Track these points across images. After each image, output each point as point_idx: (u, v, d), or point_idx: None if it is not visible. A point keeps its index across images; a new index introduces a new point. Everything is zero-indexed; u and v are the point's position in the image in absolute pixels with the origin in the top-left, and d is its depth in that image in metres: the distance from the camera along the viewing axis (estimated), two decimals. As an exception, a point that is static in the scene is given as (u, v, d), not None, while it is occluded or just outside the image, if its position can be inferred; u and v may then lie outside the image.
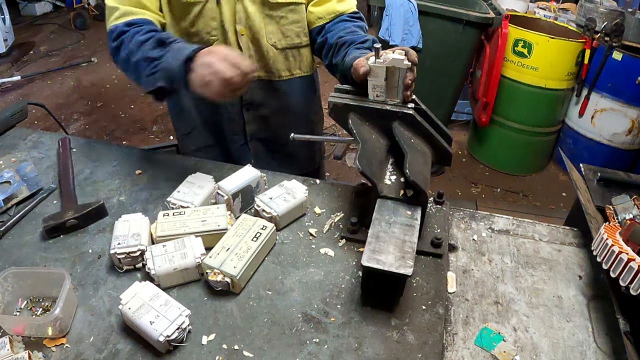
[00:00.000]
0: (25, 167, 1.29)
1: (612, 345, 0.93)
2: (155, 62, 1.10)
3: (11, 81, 4.50)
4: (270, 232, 1.04)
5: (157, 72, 1.09)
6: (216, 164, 1.35)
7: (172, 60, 1.06)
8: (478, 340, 0.92)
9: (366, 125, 1.11)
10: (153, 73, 1.10)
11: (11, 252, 1.05)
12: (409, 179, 0.95)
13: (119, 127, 4.01)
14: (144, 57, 1.11)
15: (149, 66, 1.10)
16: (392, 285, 0.93)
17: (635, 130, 3.27)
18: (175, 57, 1.05)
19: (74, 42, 5.65)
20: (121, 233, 1.01)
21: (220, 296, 0.96)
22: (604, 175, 1.29)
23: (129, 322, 0.88)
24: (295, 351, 0.86)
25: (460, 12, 2.87)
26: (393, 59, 1.04)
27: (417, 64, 1.06)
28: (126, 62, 1.16)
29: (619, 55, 3.13)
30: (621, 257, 0.89)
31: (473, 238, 1.17)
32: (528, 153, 3.63)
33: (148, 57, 1.11)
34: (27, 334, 0.87)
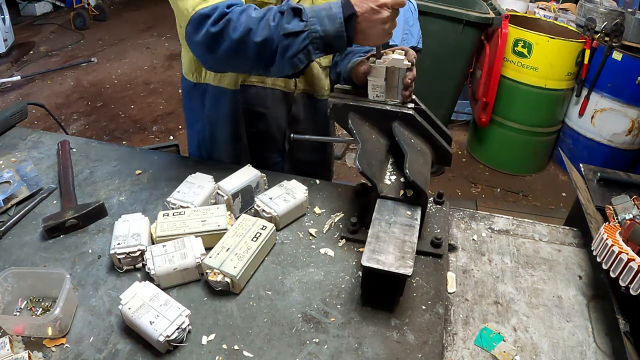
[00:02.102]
0: (25, 167, 1.29)
1: (612, 345, 0.93)
2: (303, 35, 0.99)
3: (11, 81, 4.50)
4: (270, 232, 1.04)
5: (310, 44, 0.99)
6: (216, 164, 1.35)
7: (325, 26, 0.98)
8: (478, 340, 0.92)
9: (366, 125, 1.11)
10: (305, 47, 0.99)
11: (11, 252, 1.05)
12: (409, 179, 0.95)
13: (119, 127, 4.01)
14: (284, 34, 0.98)
15: (294, 42, 0.99)
16: (392, 285, 0.93)
17: (635, 130, 3.27)
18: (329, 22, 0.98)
19: (74, 42, 5.65)
20: (121, 233, 1.01)
21: (220, 296, 0.96)
22: (604, 175, 1.29)
23: (128, 322, 0.88)
24: (295, 351, 0.86)
25: (460, 12, 2.87)
26: (393, 59, 1.04)
27: (417, 64, 1.06)
28: (242, 44, 1.00)
29: (618, 55, 3.13)
30: (621, 257, 0.89)
31: (473, 238, 1.17)
32: (528, 153, 3.63)
33: (288, 32, 0.98)
34: (27, 334, 0.87)
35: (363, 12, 0.99)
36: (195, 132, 1.45)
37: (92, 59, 5.13)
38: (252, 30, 0.99)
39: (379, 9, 0.98)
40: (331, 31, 0.99)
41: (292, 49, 1.00)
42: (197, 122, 1.42)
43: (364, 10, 0.99)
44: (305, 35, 0.99)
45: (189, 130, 1.50)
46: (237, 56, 1.04)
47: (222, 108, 1.33)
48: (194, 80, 1.33)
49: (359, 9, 0.98)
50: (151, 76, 4.87)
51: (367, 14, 0.99)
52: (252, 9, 1.02)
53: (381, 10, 0.98)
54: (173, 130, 3.97)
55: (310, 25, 0.99)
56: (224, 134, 1.37)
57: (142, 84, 4.74)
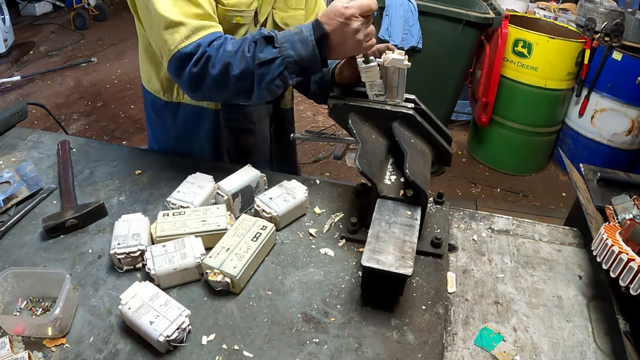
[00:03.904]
0: (25, 167, 1.29)
1: (612, 345, 0.93)
2: (277, 62, 1.01)
3: (11, 81, 4.50)
4: (270, 232, 1.04)
5: (285, 69, 1.02)
6: (216, 164, 1.35)
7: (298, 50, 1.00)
8: (478, 340, 0.93)
9: (366, 125, 1.11)
10: (281, 73, 1.02)
11: (11, 252, 1.05)
12: (409, 179, 0.95)
13: (119, 127, 4.01)
14: (258, 64, 1.01)
15: (269, 70, 1.01)
16: (392, 285, 0.93)
17: (635, 130, 3.27)
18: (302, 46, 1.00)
19: (74, 42, 5.65)
20: (121, 233, 1.01)
21: (220, 296, 0.96)
22: (604, 175, 1.29)
23: (128, 322, 0.88)
24: (295, 351, 0.86)
25: (460, 12, 2.87)
26: (393, 59, 1.04)
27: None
28: (222, 79, 1.03)
29: (618, 55, 3.13)
30: (621, 257, 0.89)
31: (473, 238, 1.17)
32: (528, 153, 3.63)
33: (263, 61, 1.01)
34: (27, 334, 0.87)
35: (333, 29, 0.99)
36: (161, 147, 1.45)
37: (92, 59, 5.13)
38: (230, 64, 1.02)
39: (347, 22, 0.98)
40: (305, 55, 1.01)
41: (268, 77, 1.02)
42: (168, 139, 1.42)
43: (333, 27, 0.99)
44: (279, 62, 1.01)
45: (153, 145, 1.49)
46: (219, 90, 1.07)
47: (203, 126, 1.34)
48: (165, 99, 1.33)
49: (328, 27, 0.99)
50: (151, 76, 4.86)
51: (337, 29, 0.99)
52: (229, 41, 1.04)
53: (350, 22, 0.98)
54: (173, 130, 3.97)
55: (284, 50, 1.01)
56: (203, 151, 1.38)
57: (141, 84, 4.73)
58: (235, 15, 1.17)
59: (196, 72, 1.04)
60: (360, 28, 0.99)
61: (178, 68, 1.05)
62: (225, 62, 1.02)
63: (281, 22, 1.29)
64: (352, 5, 0.98)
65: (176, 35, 1.03)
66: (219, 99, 1.21)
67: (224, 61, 1.02)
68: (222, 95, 1.11)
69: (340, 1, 0.99)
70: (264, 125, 1.44)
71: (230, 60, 1.02)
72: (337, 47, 1.02)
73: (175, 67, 1.06)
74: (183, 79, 1.06)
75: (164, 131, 1.42)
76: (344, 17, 0.98)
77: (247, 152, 1.44)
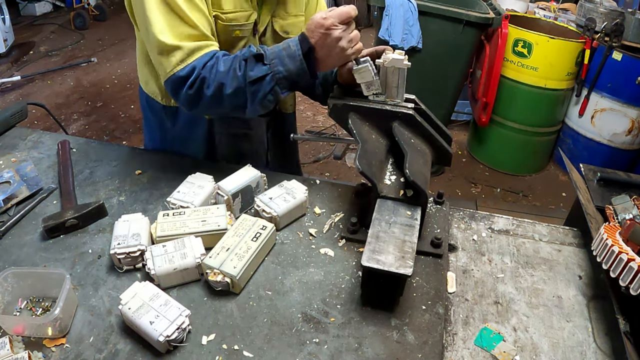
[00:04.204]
0: (25, 167, 1.29)
1: (612, 345, 0.93)
2: (267, 79, 1.04)
3: (11, 81, 4.50)
4: (270, 232, 1.04)
5: (276, 85, 1.05)
6: (216, 164, 1.35)
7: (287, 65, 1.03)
8: (478, 340, 0.93)
9: (366, 125, 1.11)
10: (272, 89, 1.05)
11: (11, 252, 1.05)
12: (409, 179, 0.95)
13: (119, 127, 4.01)
14: (250, 82, 1.04)
15: (261, 87, 1.04)
16: (392, 285, 0.93)
17: (635, 130, 3.27)
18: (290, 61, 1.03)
19: (74, 42, 5.65)
20: (121, 233, 1.01)
21: (220, 296, 0.96)
22: (604, 175, 1.29)
23: (128, 322, 0.88)
24: (295, 351, 0.86)
25: (460, 12, 2.87)
26: (393, 59, 1.04)
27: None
28: (217, 98, 1.07)
29: (618, 55, 3.13)
30: (621, 257, 0.89)
31: (473, 238, 1.17)
32: (528, 153, 3.63)
33: (254, 79, 1.04)
34: (27, 334, 0.87)
35: (317, 41, 1.02)
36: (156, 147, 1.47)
37: (92, 59, 5.13)
38: (223, 84, 1.05)
39: (328, 32, 1.01)
40: (293, 69, 1.04)
41: (260, 93, 1.05)
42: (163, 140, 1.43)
43: (317, 39, 1.02)
44: (270, 78, 1.04)
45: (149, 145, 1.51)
46: (215, 107, 1.11)
47: (198, 130, 1.36)
48: (163, 103, 1.34)
49: (313, 40, 1.02)
50: (151, 76, 4.86)
51: (320, 41, 1.02)
52: (221, 61, 1.06)
53: (331, 32, 1.01)
54: (173, 130, 3.97)
55: (273, 67, 1.04)
56: (198, 154, 1.40)
57: (141, 84, 4.74)
58: (235, 29, 1.18)
59: (192, 94, 1.07)
60: (342, 36, 1.02)
61: (174, 90, 1.09)
62: (218, 83, 1.05)
63: (281, 30, 1.29)
64: (331, 15, 1.01)
65: (172, 59, 1.06)
66: (216, 114, 1.24)
67: (218, 81, 1.05)
68: (218, 111, 1.15)
69: (320, 13, 1.02)
70: (260, 130, 1.44)
71: (223, 80, 1.05)
72: (324, 58, 1.05)
73: (171, 89, 1.10)
74: (180, 99, 1.10)
75: (160, 133, 1.43)
76: (324, 28, 1.00)
77: (243, 156, 1.45)
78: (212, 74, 1.05)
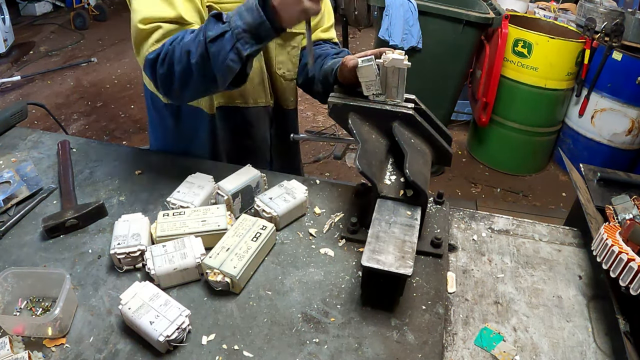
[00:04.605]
0: (25, 167, 1.29)
1: (612, 345, 0.93)
2: (227, 35, 0.98)
3: (11, 81, 4.50)
4: (270, 232, 1.04)
5: (237, 41, 0.98)
6: (216, 164, 1.35)
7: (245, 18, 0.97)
8: (478, 340, 0.93)
9: (366, 125, 1.11)
10: (233, 45, 0.98)
11: (11, 252, 1.05)
12: (409, 179, 0.95)
13: (119, 127, 4.01)
14: (210, 41, 0.98)
15: (221, 44, 0.98)
16: (392, 285, 0.93)
17: (635, 130, 3.27)
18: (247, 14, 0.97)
19: (74, 42, 5.65)
20: (121, 233, 1.01)
21: (220, 296, 0.96)
22: (604, 175, 1.29)
23: (128, 322, 0.88)
24: (295, 351, 0.86)
25: (460, 12, 2.87)
26: (393, 59, 1.04)
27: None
28: (185, 72, 1.03)
29: (618, 55, 3.13)
30: (621, 257, 0.89)
31: (473, 238, 1.17)
32: (528, 153, 3.63)
33: (213, 37, 0.98)
34: (27, 334, 0.87)
35: None
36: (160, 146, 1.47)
37: (92, 59, 5.13)
38: (189, 52, 1.01)
39: None
40: (251, 21, 0.97)
41: (222, 53, 0.99)
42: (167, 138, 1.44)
43: None
44: (229, 35, 0.98)
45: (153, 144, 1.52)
46: (188, 84, 1.06)
47: (200, 127, 1.36)
48: (165, 101, 1.35)
49: None
50: (151, 76, 4.86)
51: None
52: (188, 32, 1.03)
53: None
54: (173, 130, 3.97)
55: (232, 23, 0.98)
56: (202, 152, 1.40)
57: (142, 84, 4.73)
58: None
59: (164, 73, 1.05)
60: None
61: (151, 73, 1.08)
62: (185, 52, 1.01)
63: None
64: None
65: (149, 40, 1.06)
66: (193, 97, 1.16)
67: (184, 50, 1.01)
68: (193, 89, 1.08)
69: None
70: (263, 127, 1.44)
71: (188, 48, 1.01)
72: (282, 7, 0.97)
73: (149, 73, 1.09)
74: (157, 84, 1.09)
75: (163, 131, 1.44)
76: None
77: (246, 153, 1.44)
78: (180, 46, 1.02)
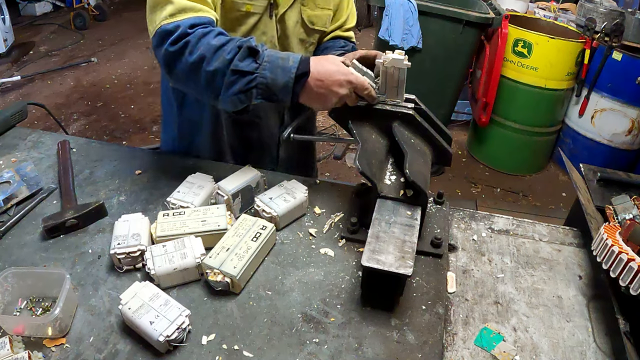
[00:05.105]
0: (25, 167, 1.29)
1: (612, 345, 0.93)
2: (250, 77, 0.99)
3: (11, 81, 4.50)
4: (270, 232, 1.04)
5: (255, 88, 1.00)
6: (216, 164, 1.35)
7: (275, 75, 0.99)
8: (478, 340, 0.93)
9: (366, 125, 1.11)
10: (249, 89, 1.00)
11: (11, 252, 1.05)
12: (409, 179, 0.95)
13: (119, 127, 4.01)
14: (232, 70, 0.99)
15: (240, 81, 0.99)
16: (392, 285, 0.93)
17: (635, 130, 3.27)
18: (280, 72, 0.99)
19: (74, 42, 5.64)
20: (121, 233, 1.01)
21: (220, 296, 0.96)
22: (604, 175, 1.29)
23: (129, 322, 0.88)
24: (295, 351, 0.86)
25: (460, 12, 2.87)
26: (393, 59, 1.04)
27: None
28: (195, 70, 1.01)
29: (618, 55, 3.13)
30: (621, 257, 0.89)
31: (473, 238, 1.17)
32: (528, 153, 3.63)
33: (238, 70, 0.99)
34: (27, 334, 0.87)
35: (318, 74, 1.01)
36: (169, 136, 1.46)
37: (92, 59, 5.13)
38: (206, 57, 0.99)
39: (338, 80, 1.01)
40: (279, 82, 1.00)
41: (236, 86, 1.00)
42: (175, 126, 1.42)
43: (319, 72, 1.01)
44: (252, 78, 0.99)
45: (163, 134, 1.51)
46: (190, 79, 1.04)
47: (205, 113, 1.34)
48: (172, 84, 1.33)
49: (315, 69, 1.01)
50: (151, 76, 4.86)
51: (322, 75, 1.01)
52: (214, 35, 1.01)
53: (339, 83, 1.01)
54: (173, 130, 3.97)
55: (262, 69, 0.99)
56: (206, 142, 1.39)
57: (142, 83, 4.74)
58: (245, 2, 1.14)
59: (172, 52, 1.01)
60: (342, 95, 1.02)
61: (158, 43, 1.03)
62: (202, 54, 0.99)
63: (308, 20, 1.27)
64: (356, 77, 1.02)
65: (162, 13, 1.02)
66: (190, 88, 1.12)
67: (202, 53, 0.99)
68: (192, 86, 1.07)
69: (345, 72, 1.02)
70: (271, 121, 1.40)
71: (207, 54, 0.99)
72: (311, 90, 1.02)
73: (155, 44, 1.04)
74: (160, 56, 1.04)
75: (171, 118, 1.42)
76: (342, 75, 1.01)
77: (251, 147, 1.41)
78: (200, 43, 1.00)
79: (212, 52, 0.99)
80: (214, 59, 0.99)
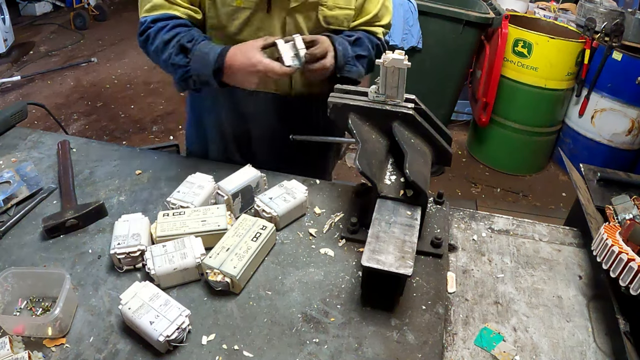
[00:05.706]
0: (25, 167, 1.29)
1: (612, 345, 0.93)
2: (183, 69, 1.16)
3: (11, 81, 4.49)
4: (270, 232, 1.04)
5: (188, 78, 1.17)
6: (216, 164, 1.35)
7: (199, 68, 1.14)
8: (478, 340, 0.93)
9: (366, 125, 1.11)
10: (185, 80, 1.18)
11: (11, 252, 1.05)
12: (409, 179, 0.95)
13: (119, 127, 4.01)
14: (172, 63, 1.16)
15: (177, 72, 1.17)
16: (392, 285, 0.93)
17: (635, 130, 3.27)
18: (202, 66, 1.13)
19: (74, 42, 5.64)
20: (121, 233, 1.01)
21: (220, 296, 0.96)
22: (604, 175, 1.29)
23: (129, 322, 0.88)
24: (295, 351, 0.86)
25: (460, 12, 2.87)
26: (393, 59, 1.03)
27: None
28: (155, 56, 1.21)
29: (618, 55, 3.12)
30: (621, 257, 0.89)
31: (473, 238, 1.17)
32: (528, 153, 3.63)
33: (174, 63, 1.16)
34: (27, 334, 0.87)
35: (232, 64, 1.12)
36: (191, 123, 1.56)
37: (92, 59, 5.13)
38: (159, 49, 1.18)
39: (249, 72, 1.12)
40: (205, 74, 1.14)
41: (177, 76, 1.19)
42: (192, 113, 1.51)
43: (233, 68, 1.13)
44: (186, 70, 1.16)
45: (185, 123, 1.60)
46: (154, 61, 1.23)
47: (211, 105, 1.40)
48: None
49: (229, 62, 1.13)
50: (151, 76, 4.86)
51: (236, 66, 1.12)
52: (168, 29, 1.17)
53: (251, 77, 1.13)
54: (173, 130, 3.97)
55: (192, 63, 1.15)
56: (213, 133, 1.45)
57: (142, 84, 4.74)
58: None
59: (141, 41, 1.22)
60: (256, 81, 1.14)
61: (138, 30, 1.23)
62: (157, 46, 1.17)
63: (324, 21, 1.26)
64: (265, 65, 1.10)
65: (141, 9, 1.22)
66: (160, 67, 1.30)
67: (157, 45, 1.17)
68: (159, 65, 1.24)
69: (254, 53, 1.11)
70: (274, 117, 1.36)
71: (160, 46, 1.17)
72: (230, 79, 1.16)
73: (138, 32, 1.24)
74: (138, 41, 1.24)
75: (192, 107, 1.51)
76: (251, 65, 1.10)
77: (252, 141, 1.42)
78: (157, 37, 1.17)
79: (162, 45, 1.17)
80: (163, 51, 1.17)
